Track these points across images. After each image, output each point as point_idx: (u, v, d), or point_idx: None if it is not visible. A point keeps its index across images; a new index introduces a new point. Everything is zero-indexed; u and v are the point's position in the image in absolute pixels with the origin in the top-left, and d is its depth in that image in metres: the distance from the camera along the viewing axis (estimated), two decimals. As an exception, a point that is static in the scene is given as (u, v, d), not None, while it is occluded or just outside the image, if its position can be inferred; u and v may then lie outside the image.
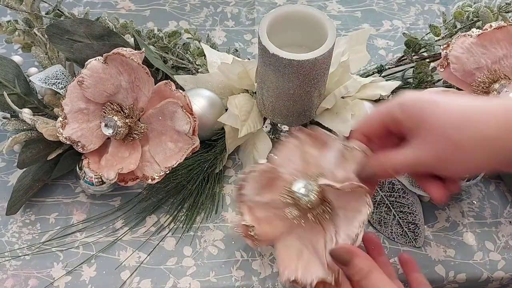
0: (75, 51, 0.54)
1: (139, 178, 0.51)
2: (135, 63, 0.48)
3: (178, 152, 0.50)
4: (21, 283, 0.50)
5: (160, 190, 0.56)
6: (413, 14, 0.77)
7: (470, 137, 0.35)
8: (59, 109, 0.51)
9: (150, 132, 0.51)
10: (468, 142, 0.35)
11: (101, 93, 0.50)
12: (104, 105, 0.51)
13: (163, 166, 0.50)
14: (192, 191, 0.55)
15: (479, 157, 0.35)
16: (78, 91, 0.50)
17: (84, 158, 0.51)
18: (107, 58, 0.49)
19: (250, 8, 0.76)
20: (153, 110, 0.50)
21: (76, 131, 0.51)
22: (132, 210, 0.55)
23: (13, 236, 0.53)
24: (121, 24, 0.62)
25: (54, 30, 0.55)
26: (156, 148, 0.51)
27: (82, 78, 0.49)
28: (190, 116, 0.48)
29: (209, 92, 0.57)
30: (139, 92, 0.50)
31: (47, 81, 0.54)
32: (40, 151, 0.52)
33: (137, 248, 0.52)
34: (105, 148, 0.52)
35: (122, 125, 0.50)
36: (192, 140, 0.49)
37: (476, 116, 0.35)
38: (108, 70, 0.49)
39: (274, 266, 0.52)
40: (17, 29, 0.59)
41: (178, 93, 0.49)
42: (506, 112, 0.35)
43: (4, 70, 0.55)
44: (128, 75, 0.49)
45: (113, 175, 0.49)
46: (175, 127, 0.49)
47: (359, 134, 0.42)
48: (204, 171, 0.56)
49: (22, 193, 0.53)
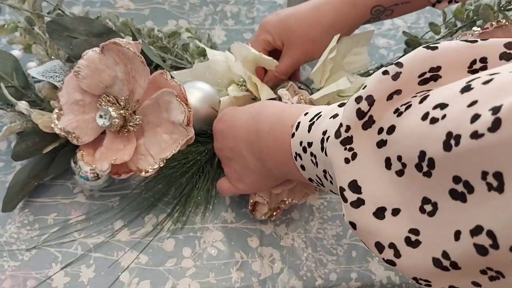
0: (74, 47, 0.54)
1: (132, 171, 0.51)
2: (131, 52, 0.47)
3: (173, 144, 0.49)
4: (19, 284, 0.49)
5: (155, 184, 0.56)
6: (414, 13, 0.76)
7: (320, 31, 0.55)
8: (55, 101, 0.51)
9: (145, 124, 0.51)
10: (320, 35, 0.55)
11: (97, 84, 0.50)
12: (100, 97, 0.51)
13: (157, 158, 0.50)
14: (185, 185, 0.55)
15: (327, 42, 0.55)
16: (75, 82, 0.50)
17: (79, 151, 0.51)
18: (103, 48, 0.49)
19: (250, 7, 0.76)
20: (149, 101, 0.49)
21: (72, 122, 0.50)
22: (128, 206, 0.55)
23: (11, 237, 0.53)
24: (121, 22, 0.62)
25: (54, 26, 0.54)
26: (151, 140, 0.50)
27: (79, 68, 0.49)
28: (185, 105, 0.48)
29: (205, 85, 0.56)
30: (135, 84, 0.49)
31: (45, 74, 0.54)
32: (36, 143, 0.52)
33: (136, 249, 0.52)
34: (100, 142, 0.52)
35: (117, 116, 0.49)
36: (186, 131, 0.49)
37: (320, 15, 0.55)
38: (105, 61, 0.49)
39: (274, 267, 0.52)
40: (18, 27, 0.59)
41: (173, 83, 0.48)
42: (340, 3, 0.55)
43: (3, 63, 0.55)
44: (124, 65, 0.49)
45: (106, 166, 0.49)
46: (170, 118, 0.49)
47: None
48: (197, 165, 0.56)
49: (18, 190, 0.53)
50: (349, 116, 0.30)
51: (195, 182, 0.55)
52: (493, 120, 0.22)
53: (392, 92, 0.29)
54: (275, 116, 0.44)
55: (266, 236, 0.54)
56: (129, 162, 0.50)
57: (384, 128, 0.29)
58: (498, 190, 0.22)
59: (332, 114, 0.35)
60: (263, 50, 0.59)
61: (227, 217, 0.55)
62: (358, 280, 0.52)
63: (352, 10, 0.54)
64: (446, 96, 0.26)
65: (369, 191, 0.29)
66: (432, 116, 0.26)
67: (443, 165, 0.25)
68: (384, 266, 0.53)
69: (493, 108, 0.22)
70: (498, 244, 0.23)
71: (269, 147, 0.44)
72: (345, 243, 0.55)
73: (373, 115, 0.29)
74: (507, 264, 0.23)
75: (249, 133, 0.46)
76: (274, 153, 0.43)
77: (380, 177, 0.29)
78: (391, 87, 0.29)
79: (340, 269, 0.53)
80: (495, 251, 0.23)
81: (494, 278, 0.25)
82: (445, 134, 0.24)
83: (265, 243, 0.54)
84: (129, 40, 0.48)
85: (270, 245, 0.54)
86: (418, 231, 0.27)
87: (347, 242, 0.55)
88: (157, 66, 0.60)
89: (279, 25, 0.57)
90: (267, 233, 0.55)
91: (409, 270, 0.28)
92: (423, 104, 0.27)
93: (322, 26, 0.55)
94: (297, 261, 0.53)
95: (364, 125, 0.30)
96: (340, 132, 0.31)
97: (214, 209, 0.56)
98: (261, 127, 0.45)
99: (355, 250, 0.54)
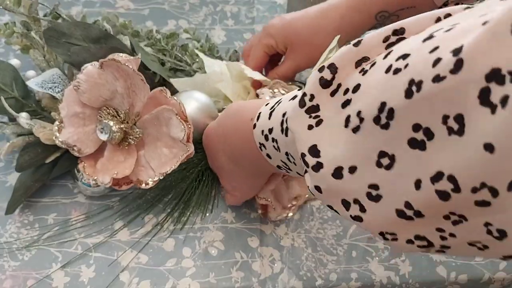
0: (72, 54, 0.54)
1: (133, 182, 0.51)
2: (130, 69, 0.48)
3: (173, 158, 0.49)
4: (20, 284, 0.49)
5: (154, 187, 0.55)
6: (414, 13, 0.76)
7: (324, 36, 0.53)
8: (56, 113, 0.51)
9: (145, 137, 0.51)
10: (323, 40, 0.51)
11: (97, 98, 0.50)
12: (100, 109, 0.51)
13: (157, 171, 0.50)
14: (185, 190, 0.55)
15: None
16: (75, 95, 0.50)
17: (80, 162, 0.51)
18: (102, 64, 0.49)
19: (250, 7, 0.76)
20: (149, 115, 0.49)
21: (72, 135, 0.50)
22: (128, 206, 0.55)
23: (12, 237, 0.53)
24: (120, 24, 0.62)
25: (51, 33, 0.54)
26: (151, 154, 0.51)
27: (78, 83, 0.49)
28: (185, 123, 0.48)
29: (202, 95, 0.56)
30: (135, 98, 0.50)
31: (44, 85, 0.54)
32: (38, 154, 0.52)
33: (136, 249, 0.52)
34: (101, 152, 0.52)
35: (117, 130, 0.50)
36: (186, 147, 0.49)
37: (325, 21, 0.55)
38: (104, 76, 0.49)
39: (274, 267, 0.52)
40: (15, 32, 0.59)
41: (173, 101, 0.49)
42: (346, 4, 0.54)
43: (1, 74, 0.55)
44: (123, 81, 0.49)
45: (107, 179, 0.49)
46: (170, 133, 0.49)
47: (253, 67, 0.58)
48: (196, 170, 0.56)
49: (22, 193, 0.53)
50: (313, 85, 0.31)
51: (195, 187, 0.56)
52: (455, 62, 0.22)
53: (359, 60, 0.29)
54: (237, 114, 0.44)
55: (266, 236, 0.54)
56: (130, 174, 0.51)
57: (350, 88, 0.29)
58: (458, 133, 0.22)
59: (291, 97, 0.35)
60: (264, 54, 0.59)
61: (227, 217, 0.55)
62: (358, 280, 0.52)
63: (356, 16, 0.54)
64: (408, 47, 0.26)
65: (327, 153, 0.29)
66: (395, 67, 0.26)
67: (403, 114, 0.25)
68: (384, 266, 0.53)
69: (454, 50, 0.22)
70: (460, 187, 0.23)
71: (238, 147, 0.44)
72: (345, 243, 0.55)
73: (341, 82, 0.30)
74: (469, 206, 0.23)
75: (220, 142, 0.47)
76: (244, 152, 0.43)
77: (339, 138, 0.29)
78: (355, 54, 0.30)
79: (340, 269, 0.53)
80: (457, 195, 0.23)
81: (457, 222, 0.25)
82: (408, 82, 0.24)
83: (265, 243, 0.54)
84: (128, 57, 0.48)
85: (270, 245, 0.54)
86: (378, 186, 0.27)
87: (347, 242, 0.55)
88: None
89: (283, 28, 0.57)
90: (267, 233, 0.55)
91: (375, 224, 0.29)
92: (386, 59, 0.27)
93: (327, 31, 0.55)
94: (297, 261, 0.53)
95: (332, 92, 0.30)
96: (305, 101, 0.31)
97: (214, 209, 0.56)
98: (226, 130, 0.45)
99: (355, 250, 0.54)
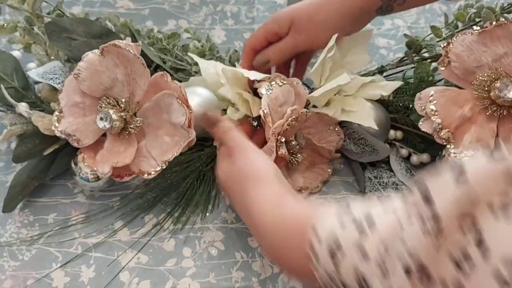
0: (73, 49, 0.54)
1: (135, 173, 0.51)
2: (131, 54, 0.47)
3: (174, 146, 0.49)
4: (20, 284, 0.49)
5: (155, 187, 0.56)
6: (414, 13, 0.76)
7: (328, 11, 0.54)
8: (55, 104, 0.51)
9: (146, 127, 0.51)
10: (326, 18, 0.53)
11: (97, 86, 0.50)
12: (100, 99, 0.51)
13: (159, 160, 0.50)
14: (186, 189, 0.55)
15: (333, 26, 0.54)
16: (75, 85, 0.50)
17: (79, 153, 0.51)
18: (103, 50, 0.49)
19: (250, 7, 0.76)
20: (149, 103, 0.49)
21: (72, 124, 0.50)
22: (128, 206, 0.55)
23: (12, 237, 0.53)
24: (121, 23, 0.62)
25: (53, 27, 0.54)
26: (153, 143, 0.50)
27: (79, 70, 0.49)
28: (186, 107, 0.48)
29: (205, 90, 0.56)
30: (135, 85, 0.49)
31: (44, 75, 0.54)
32: (36, 145, 0.52)
33: (136, 249, 0.52)
34: (101, 144, 0.52)
35: (117, 118, 0.49)
36: (188, 133, 0.49)
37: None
38: (104, 63, 0.49)
39: (274, 267, 0.52)
40: (18, 27, 0.59)
41: (174, 84, 0.48)
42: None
43: (3, 64, 0.55)
44: (124, 68, 0.49)
45: (107, 169, 0.49)
46: (171, 119, 0.49)
47: (249, 49, 0.58)
48: (197, 170, 0.56)
49: (19, 190, 0.53)
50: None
51: (196, 187, 0.56)
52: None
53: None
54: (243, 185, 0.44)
55: (266, 236, 0.54)
56: (131, 164, 0.50)
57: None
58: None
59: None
60: (264, 39, 0.57)
61: (227, 217, 0.55)
62: (358, 280, 0.52)
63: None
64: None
65: None
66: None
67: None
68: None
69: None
70: None
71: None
72: (345, 243, 0.55)
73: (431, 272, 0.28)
74: None
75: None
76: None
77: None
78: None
79: (340, 269, 0.53)
80: None
81: None
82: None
83: (265, 243, 0.54)
84: (129, 42, 0.48)
85: (270, 245, 0.54)
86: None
87: (347, 242, 0.55)
88: (157, 67, 0.59)
89: (289, 12, 0.56)
90: (267, 233, 0.55)
91: None
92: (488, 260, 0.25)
93: (330, 10, 0.54)
94: (297, 261, 0.53)
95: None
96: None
97: (214, 209, 0.56)
98: (233, 196, 0.46)
99: (355, 250, 0.54)
